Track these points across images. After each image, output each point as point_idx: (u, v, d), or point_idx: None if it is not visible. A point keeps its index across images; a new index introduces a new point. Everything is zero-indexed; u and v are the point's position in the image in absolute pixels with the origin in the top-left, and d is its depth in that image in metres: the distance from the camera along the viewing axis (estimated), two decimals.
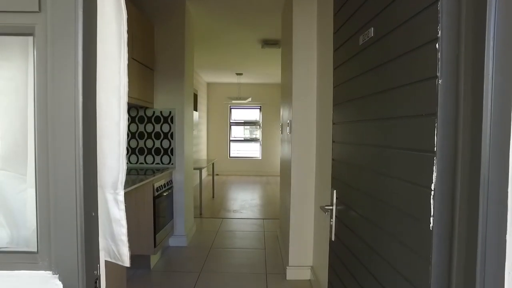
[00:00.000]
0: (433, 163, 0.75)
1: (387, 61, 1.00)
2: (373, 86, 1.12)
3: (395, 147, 0.95)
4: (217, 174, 9.88)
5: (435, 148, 0.74)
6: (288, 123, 3.07)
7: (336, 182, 1.54)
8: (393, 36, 0.96)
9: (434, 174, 0.74)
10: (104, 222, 0.87)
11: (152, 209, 3.00)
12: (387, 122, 1.01)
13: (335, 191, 1.53)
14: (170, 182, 3.56)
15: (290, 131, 2.96)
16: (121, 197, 0.85)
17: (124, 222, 0.87)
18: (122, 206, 0.86)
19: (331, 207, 1.55)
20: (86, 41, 0.68)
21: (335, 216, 1.54)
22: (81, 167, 0.65)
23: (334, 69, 1.58)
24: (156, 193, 3.09)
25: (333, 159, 1.59)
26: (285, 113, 3.49)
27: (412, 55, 0.85)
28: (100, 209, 0.86)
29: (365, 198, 1.19)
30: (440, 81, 0.73)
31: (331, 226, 1.57)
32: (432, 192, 0.75)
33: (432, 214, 0.75)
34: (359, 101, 1.25)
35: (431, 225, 0.75)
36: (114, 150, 0.84)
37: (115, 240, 0.87)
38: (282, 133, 3.79)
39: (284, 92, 3.59)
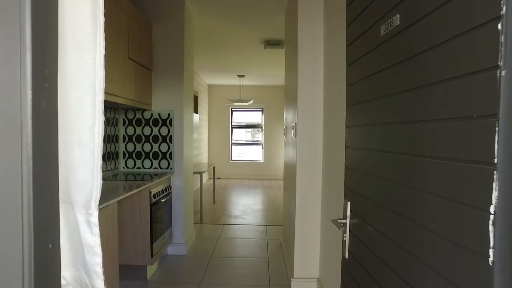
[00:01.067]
0: (493, 178, 0.58)
1: (420, 52, 0.83)
2: (400, 82, 0.95)
3: (432, 156, 0.78)
4: (218, 178, 9.71)
5: (496, 159, 0.57)
6: (292, 126, 2.91)
7: (351, 193, 1.37)
8: (430, 21, 0.79)
9: (495, 193, 0.58)
10: (75, 249, 0.70)
11: (149, 217, 2.83)
12: (421, 126, 0.84)
13: (349, 202, 1.36)
14: (168, 188, 3.40)
15: (295, 135, 2.80)
16: (94, 218, 0.69)
17: (98, 249, 0.70)
18: (96, 230, 0.70)
19: (344, 221, 1.38)
20: (38, 25, 0.51)
21: (349, 231, 1.37)
22: (30, 186, 0.48)
23: (348, 66, 1.41)
24: (153, 200, 2.92)
25: (346, 167, 1.42)
26: (289, 116, 3.33)
27: (459, 41, 0.68)
28: (70, 234, 0.70)
29: (389, 215, 1.02)
30: (503, 72, 0.56)
31: (344, 241, 1.40)
32: (492, 216, 0.58)
33: (491, 245, 0.58)
34: (380, 100, 1.08)
35: (490, 259, 0.58)
36: (87, 161, 0.67)
37: (88, 272, 0.71)
38: (286, 136, 3.63)
39: (288, 94, 3.43)
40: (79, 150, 0.67)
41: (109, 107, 3.26)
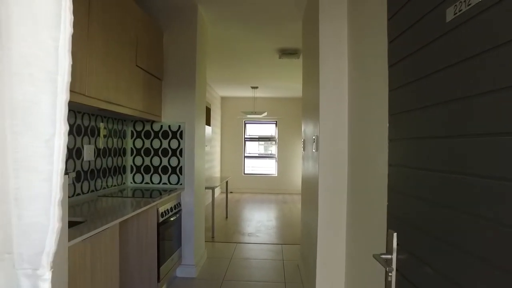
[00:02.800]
0: None
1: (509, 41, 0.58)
2: (481, 82, 0.70)
3: None
4: (231, 192, 9.46)
5: None
6: (313, 139, 2.66)
7: (397, 221, 1.10)
8: None
9: None
10: None
11: (156, 237, 2.59)
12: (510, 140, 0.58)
13: (395, 234, 1.10)
14: (178, 205, 3.16)
15: (316, 148, 2.54)
16: (45, 284, 0.45)
17: None
18: None
19: (389, 256, 1.11)
20: None
21: (396, 269, 1.10)
22: None
23: (390, 67, 1.17)
24: (161, 219, 2.68)
25: (390, 189, 1.16)
26: (308, 129, 3.08)
27: None
28: None
29: (458, 254, 0.75)
30: None
31: (389, 282, 1.13)
32: None
33: None
34: (445, 106, 0.83)
35: None
36: (39, 193, 0.44)
37: None
38: (304, 150, 3.37)
39: (307, 105, 3.19)
40: (26, 176, 0.44)
41: (116, 118, 3.07)
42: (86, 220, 1.86)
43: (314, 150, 2.65)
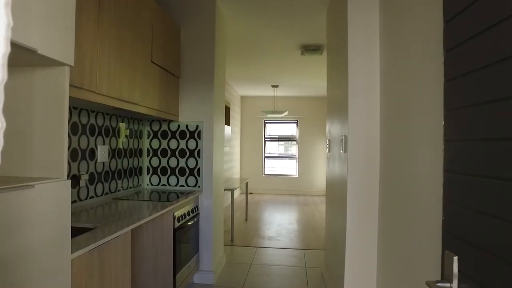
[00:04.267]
0: None
1: None
2: None
3: None
4: (250, 193, 9.32)
5: None
6: (341, 140, 2.44)
7: (459, 242, 0.89)
8: None
9: None
10: None
11: (172, 243, 2.44)
12: None
13: (456, 258, 0.89)
14: (195, 209, 3.01)
15: (344, 150, 2.33)
16: None
17: None
18: None
19: (448, 285, 0.90)
20: None
21: None
22: None
23: (447, 51, 0.96)
24: (178, 224, 2.54)
25: (448, 201, 0.95)
26: (334, 128, 2.86)
27: None
28: None
29: None
30: None
31: None
32: None
33: None
34: None
35: None
36: None
37: None
38: (329, 151, 3.15)
39: (334, 103, 2.97)
40: None
41: (132, 117, 2.95)
42: (96, 226, 1.72)
43: (341, 151, 2.43)
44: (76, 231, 1.77)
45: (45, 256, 1.14)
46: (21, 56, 1.12)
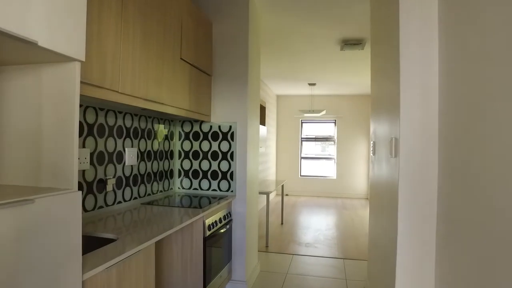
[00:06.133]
0: None
1: None
2: None
3: None
4: (286, 194, 9.09)
5: None
6: (390, 142, 2.15)
7: None
8: None
9: None
10: None
11: (202, 253, 2.27)
12: None
13: None
14: (228, 215, 2.83)
15: (395, 154, 2.04)
16: None
17: None
18: None
19: None
20: None
21: None
22: None
23: None
24: (208, 232, 2.37)
25: None
26: (381, 129, 2.56)
27: None
28: None
29: None
30: None
31: None
32: None
33: None
34: None
35: None
36: None
37: None
38: (374, 153, 2.85)
39: (380, 102, 2.67)
40: None
41: (162, 118, 2.83)
42: (118, 238, 1.58)
43: (391, 156, 2.14)
44: (96, 242, 1.63)
45: (49, 279, 0.99)
46: (21, 51, 0.98)
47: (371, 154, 2.99)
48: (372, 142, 2.96)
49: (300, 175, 9.25)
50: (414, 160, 1.91)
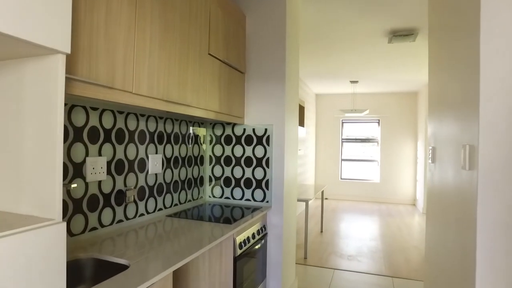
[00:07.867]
0: None
1: None
2: None
3: None
4: (326, 198, 8.65)
5: None
6: (464, 148, 1.74)
7: None
8: None
9: None
10: None
11: (232, 275, 1.99)
12: None
13: None
14: (263, 229, 2.54)
15: (469, 165, 1.63)
16: None
17: None
18: None
19: None
20: None
21: None
22: None
23: None
24: (239, 251, 2.08)
25: None
26: (445, 132, 2.14)
27: None
28: None
29: None
30: None
31: None
32: None
33: None
34: None
35: None
36: None
37: None
38: (434, 161, 2.42)
39: (443, 99, 2.24)
40: None
41: (191, 120, 2.58)
42: (130, 264, 1.33)
43: (465, 168, 1.72)
44: (104, 269, 1.40)
45: None
46: None
47: (429, 161, 2.55)
48: (431, 147, 2.53)
49: (341, 178, 8.76)
50: (496, 174, 1.50)
